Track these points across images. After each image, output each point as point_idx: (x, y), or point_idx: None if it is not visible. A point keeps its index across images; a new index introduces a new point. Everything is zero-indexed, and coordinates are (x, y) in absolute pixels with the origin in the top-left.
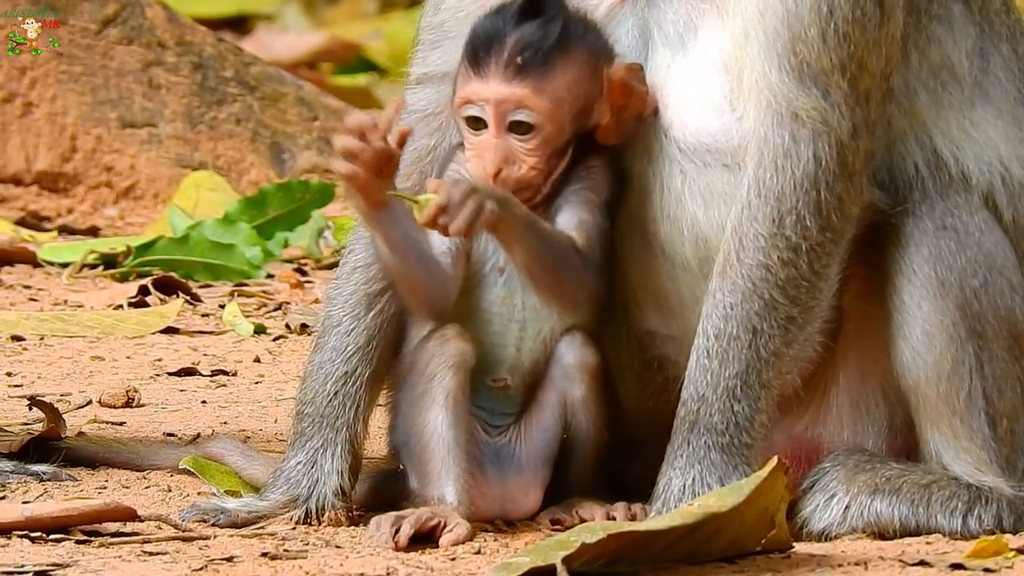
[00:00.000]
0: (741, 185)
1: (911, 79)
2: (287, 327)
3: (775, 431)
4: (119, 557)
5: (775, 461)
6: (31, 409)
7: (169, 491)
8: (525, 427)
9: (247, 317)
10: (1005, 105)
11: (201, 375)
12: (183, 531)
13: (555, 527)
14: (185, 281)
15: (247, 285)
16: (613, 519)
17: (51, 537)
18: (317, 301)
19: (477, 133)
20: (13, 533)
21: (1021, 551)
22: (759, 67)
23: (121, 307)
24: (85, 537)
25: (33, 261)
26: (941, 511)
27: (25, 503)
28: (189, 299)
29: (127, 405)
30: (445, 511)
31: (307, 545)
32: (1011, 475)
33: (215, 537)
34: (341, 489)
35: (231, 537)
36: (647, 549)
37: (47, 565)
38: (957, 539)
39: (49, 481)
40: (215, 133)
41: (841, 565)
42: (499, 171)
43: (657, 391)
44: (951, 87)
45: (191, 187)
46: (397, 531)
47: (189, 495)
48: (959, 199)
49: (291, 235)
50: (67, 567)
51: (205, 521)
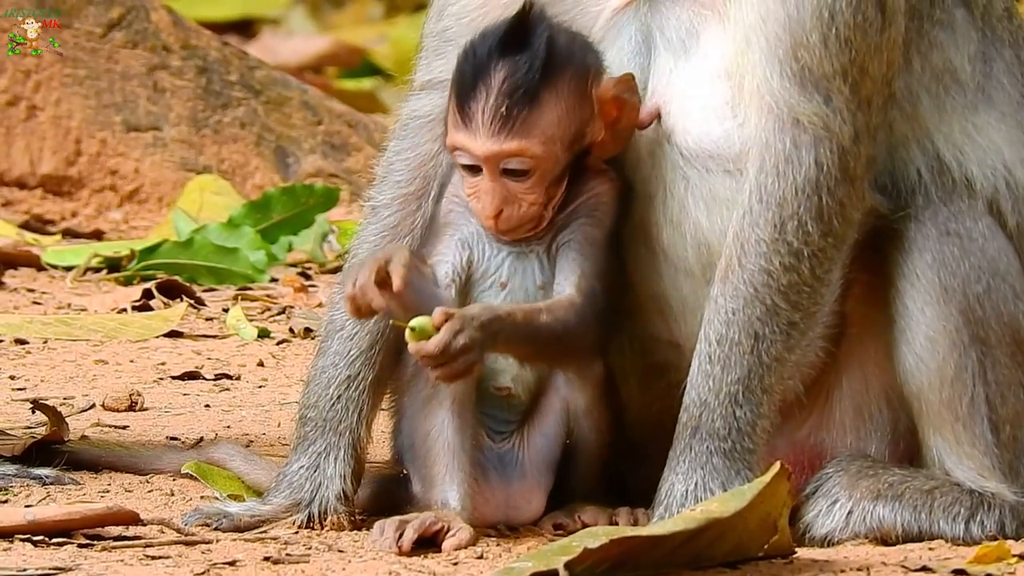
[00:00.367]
0: (743, 190)
1: (913, 84)
2: (291, 331)
3: (778, 436)
4: (122, 561)
5: (777, 466)
6: (34, 412)
7: (172, 495)
8: (528, 433)
9: (251, 321)
10: (1008, 109)
11: (204, 379)
12: (186, 535)
13: (558, 532)
14: (189, 285)
15: (251, 289)
16: (616, 524)
17: (53, 541)
18: (321, 305)
19: (473, 176)
20: (15, 537)
21: (1023, 557)
22: (760, 73)
23: (125, 311)
24: (88, 541)
25: (37, 264)
26: (943, 517)
27: (28, 507)
28: (193, 303)
29: (130, 409)
30: (448, 516)
31: (309, 549)
32: (1014, 481)
33: (218, 541)
34: (344, 493)
35: (234, 541)
36: (650, 554)
37: (49, 569)
38: (959, 545)
39: (52, 485)
40: (220, 137)
41: (843, 571)
42: (500, 212)
43: (660, 395)
44: (954, 92)
45: (195, 191)
46: (401, 535)
47: (192, 499)
48: (962, 204)
49: (295, 239)
50: (69, 571)
51: (208, 525)
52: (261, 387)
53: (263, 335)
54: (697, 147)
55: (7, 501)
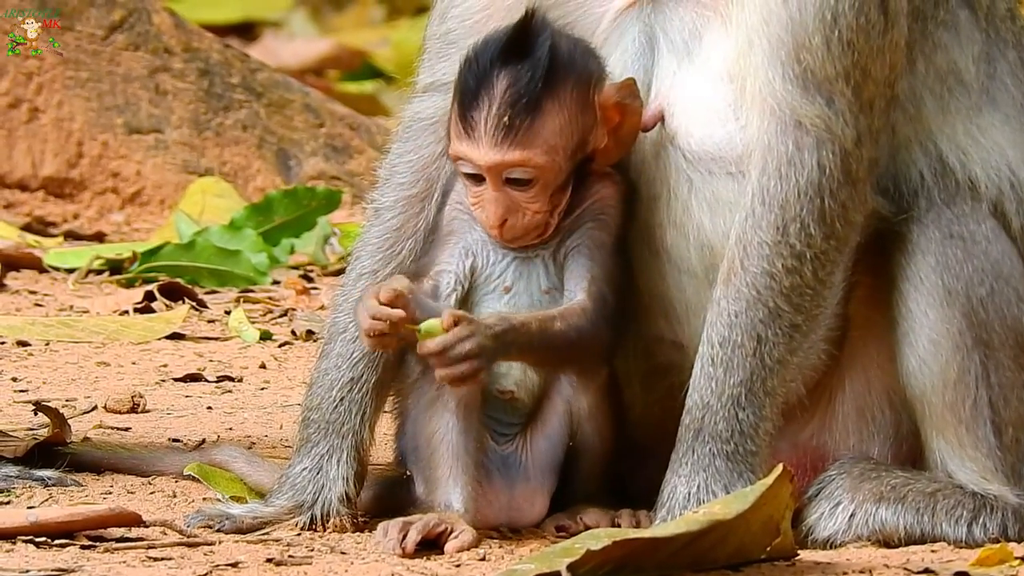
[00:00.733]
0: (745, 193)
1: (917, 86)
2: (293, 333)
3: (780, 439)
4: (124, 563)
5: (780, 469)
6: (36, 414)
7: (174, 497)
8: (531, 435)
9: (253, 323)
10: (1012, 111)
11: (207, 381)
12: (188, 537)
13: (560, 534)
14: (191, 287)
15: (253, 291)
16: (618, 526)
17: (56, 542)
18: (323, 307)
19: (476, 185)
20: (18, 538)
21: None
22: (763, 75)
23: (127, 313)
24: (90, 542)
25: (39, 266)
26: (946, 519)
27: (30, 508)
28: (195, 305)
29: (132, 411)
30: (451, 518)
31: (312, 551)
32: (1016, 484)
33: (220, 543)
34: (346, 495)
35: (236, 543)
36: (652, 556)
37: (52, 570)
38: (962, 547)
39: (54, 486)
40: (221, 139)
41: (846, 573)
42: (504, 221)
43: (663, 397)
44: (958, 93)
45: (197, 193)
46: (404, 537)
47: (194, 501)
48: (966, 207)
49: (297, 241)
50: (72, 572)
51: (210, 527)
52: (263, 389)
53: (265, 337)
54: (700, 149)
55: (10, 502)
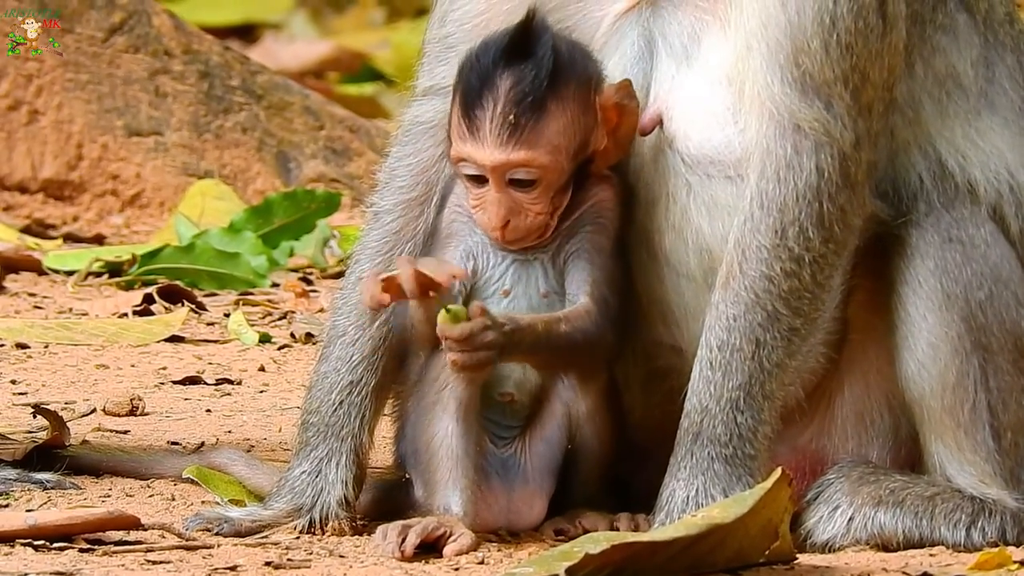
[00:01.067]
0: (744, 197)
1: (916, 89)
2: (292, 336)
3: (779, 442)
4: (123, 566)
5: (779, 472)
6: (35, 417)
7: (173, 500)
8: (530, 438)
9: (252, 326)
10: (1011, 115)
11: (206, 384)
12: (187, 540)
13: (559, 537)
14: (190, 290)
15: (252, 294)
16: (617, 530)
17: (55, 545)
18: (322, 310)
19: (478, 187)
20: (17, 541)
21: None
22: (761, 78)
23: (126, 315)
24: (89, 545)
25: (38, 269)
26: (945, 523)
27: (29, 511)
28: (194, 308)
29: (131, 413)
30: (450, 521)
31: (310, 555)
32: (1015, 488)
33: (219, 546)
34: (345, 499)
35: (235, 546)
36: (650, 560)
37: (51, 574)
38: (960, 551)
39: (53, 489)
40: (221, 142)
41: None
42: (507, 223)
43: (662, 401)
44: (956, 97)
45: (197, 196)
46: (403, 540)
47: (193, 504)
48: (965, 211)
49: (297, 244)
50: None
51: (209, 530)
52: (262, 392)
53: (264, 340)
54: (699, 153)
55: (8, 505)
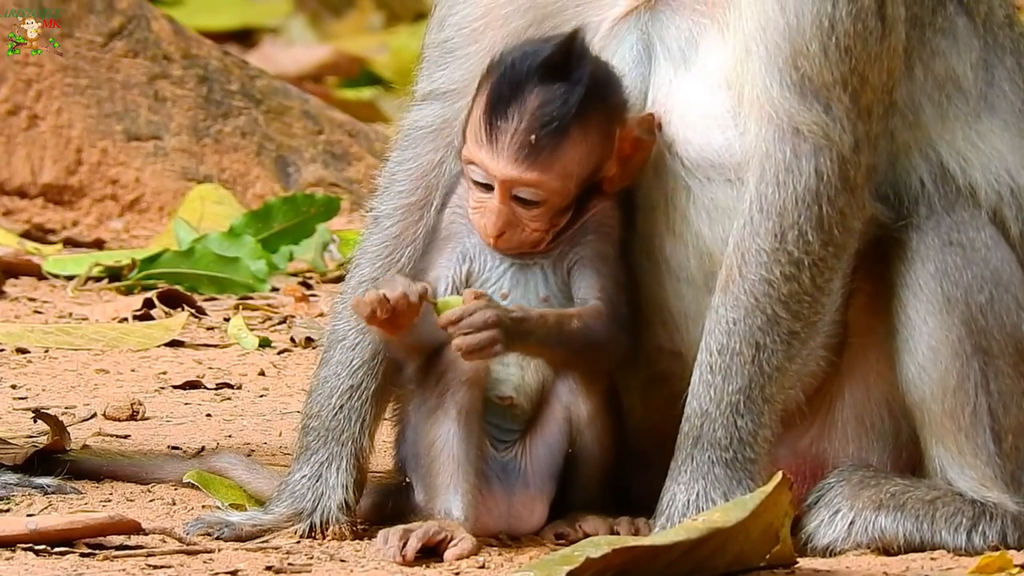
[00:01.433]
0: (743, 200)
1: (916, 92)
2: (292, 340)
3: (780, 446)
4: (123, 571)
5: (779, 476)
6: (36, 422)
7: (173, 504)
8: (531, 442)
9: (252, 330)
10: (1011, 117)
11: (206, 388)
12: (187, 544)
13: (559, 541)
14: (190, 294)
15: (252, 298)
16: (617, 533)
17: (55, 550)
18: (322, 315)
19: (482, 192)
20: (17, 546)
21: None
22: (760, 82)
23: (126, 320)
24: (89, 550)
25: (38, 274)
26: (945, 527)
27: (29, 516)
28: (194, 312)
29: (132, 418)
30: (451, 525)
31: (311, 559)
32: (1016, 491)
33: (219, 551)
34: (346, 503)
35: (235, 551)
36: (651, 564)
37: None
38: (961, 555)
39: (53, 494)
40: (220, 146)
41: None
42: (502, 234)
43: (662, 405)
44: (956, 99)
45: (196, 200)
46: (405, 544)
47: (193, 508)
48: (965, 214)
49: (296, 248)
50: None
51: (209, 534)
52: (262, 396)
53: (264, 344)
54: (699, 157)
55: (9, 510)
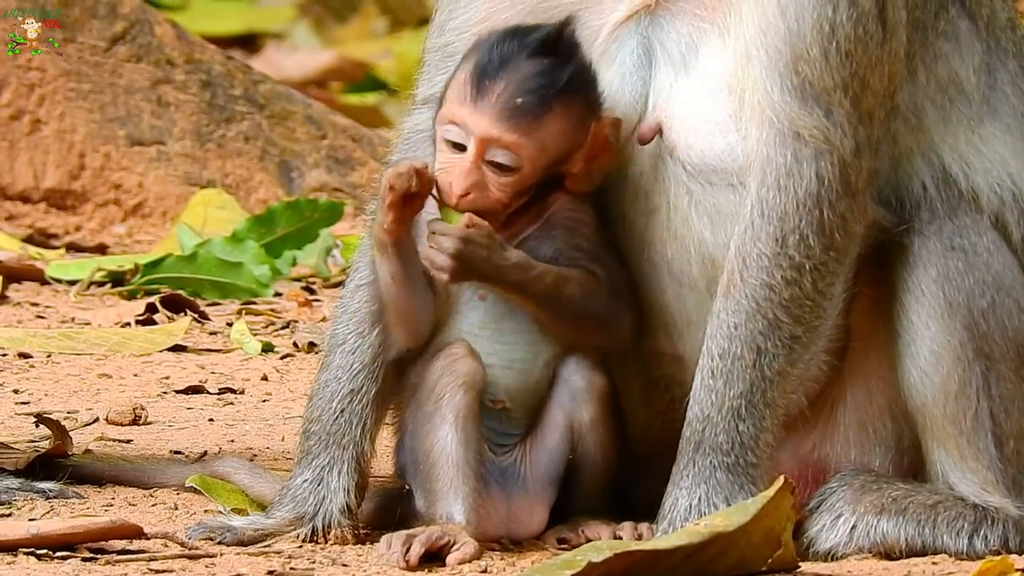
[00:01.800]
0: (744, 205)
1: (918, 96)
2: (295, 345)
3: (782, 451)
4: (125, 575)
5: (781, 480)
6: (38, 426)
7: (176, 509)
8: (531, 447)
9: (255, 335)
10: (1013, 121)
11: (208, 393)
12: (189, 549)
13: (562, 546)
14: (193, 299)
15: (255, 303)
16: (619, 538)
17: (57, 555)
18: (325, 319)
19: (453, 152)
20: (19, 550)
21: None
22: (761, 86)
23: (128, 325)
24: (91, 555)
25: (41, 278)
26: (947, 531)
27: (31, 520)
28: (197, 317)
29: (134, 423)
30: (454, 530)
31: (313, 563)
32: (1017, 496)
33: (221, 555)
34: (347, 507)
35: (237, 555)
36: (653, 568)
37: None
38: (963, 559)
39: (55, 498)
40: (224, 151)
41: None
42: (467, 194)
43: (663, 410)
44: (959, 103)
45: (199, 205)
46: (408, 549)
47: (196, 513)
48: (967, 219)
49: (299, 253)
50: None
51: (212, 539)
52: (265, 401)
53: (267, 349)
54: (700, 161)
55: (11, 515)
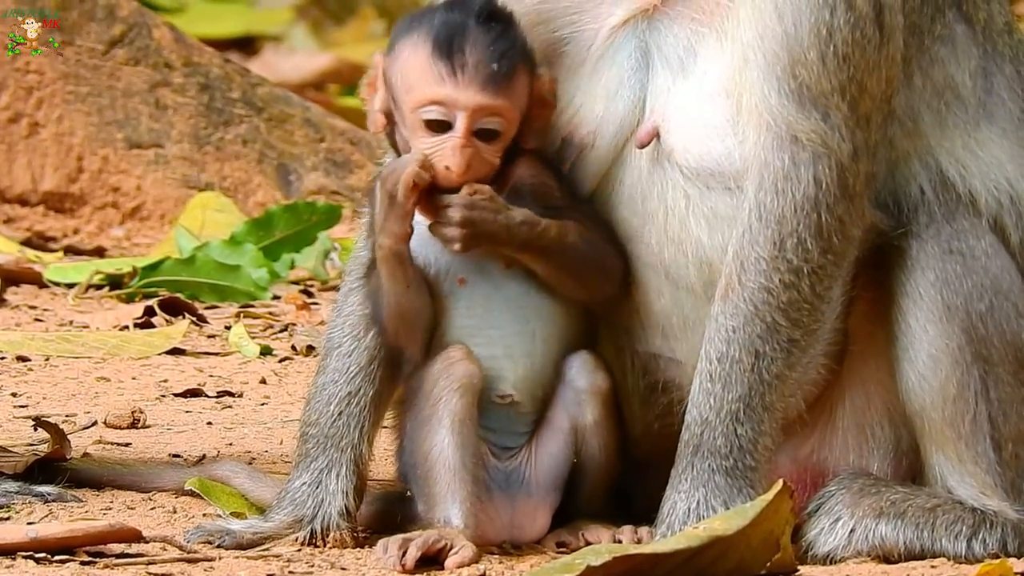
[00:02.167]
0: (742, 208)
1: (915, 100)
2: (293, 348)
3: (780, 454)
4: None
5: (780, 484)
6: (36, 430)
7: (174, 512)
8: (535, 450)
9: (253, 338)
10: (1009, 125)
11: (207, 396)
12: (188, 552)
13: (561, 550)
14: (191, 302)
15: (253, 306)
16: (619, 542)
17: (56, 558)
18: (323, 323)
19: (435, 134)
20: (18, 554)
21: None
22: (759, 90)
23: (127, 328)
24: (90, 558)
25: (39, 281)
26: (946, 535)
27: (30, 524)
28: (195, 320)
29: (132, 426)
30: (451, 534)
31: (312, 567)
32: (1016, 499)
33: (220, 559)
34: (346, 510)
35: (236, 559)
36: (652, 572)
37: None
38: (962, 563)
39: (54, 502)
40: (222, 154)
41: None
42: (467, 169)
43: (662, 413)
44: (955, 107)
45: (197, 208)
46: (405, 553)
47: (194, 516)
48: (965, 222)
49: (297, 256)
50: None
51: (210, 543)
52: (263, 404)
53: (265, 352)
54: (698, 165)
55: (9, 518)
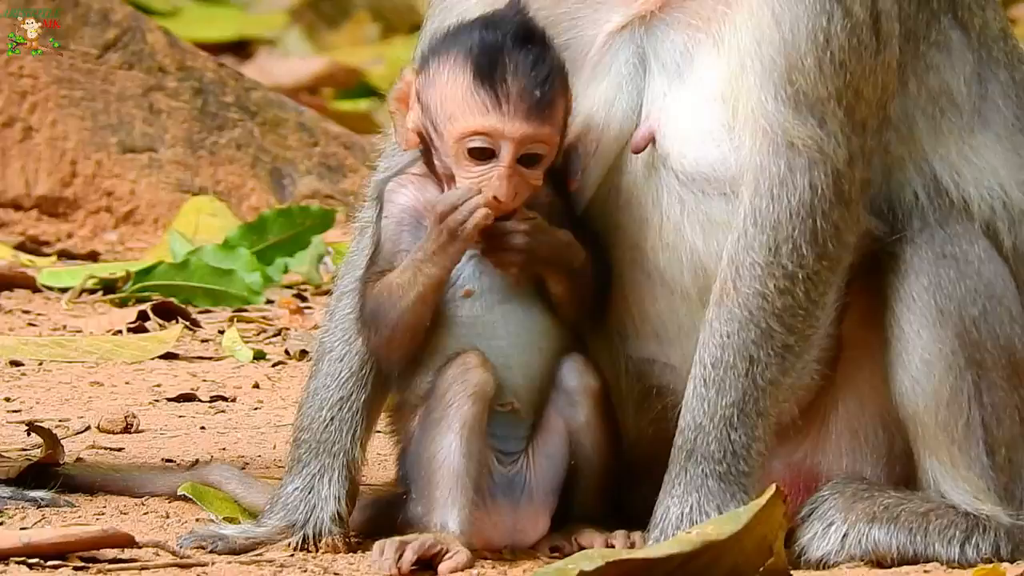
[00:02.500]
0: (737, 214)
1: (910, 106)
2: (286, 353)
3: (774, 459)
4: None
5: (773, 489)
6: (29, 435)
7: (167, 517)
8: (535, 455)
9: (246, 343)
10: (1004, 131)
11: (200, 401)
12: (181, 557)
13: (554, 554)
14: (184, 307)
15: (247, 311)
16: (612, 547)
17: (49, 564)
18: (317, 327)
19: (480, 162)
20: (11, 559)
21: None
22: (755, 96)
23: (120, 332)
24: (83, 564)
25: (32, 286)
26: (939, 539)
27: (23, 529)
28: (188, 325)
29: (126, 431)
30: (447, 539)
31: (305, 572)
32: (1009, 504)
33: (213, 564)
34: (338, 515)
35: (229, 564)
36: None
37: None
38: (955, 568)
39: (47, 507)
40: (215, 158)
41: None
42: (515, 196)
43: (656, 418)
44: (950, 113)
45: (191, 212)
46: (400, 557)
47: (187, 521)
48: (959, 227)
49: (291, 261)
50: None
51: (203, 547)
52: (256, 409)
53: (259, 357)
54: (694, 170)
55: (2, 523)
